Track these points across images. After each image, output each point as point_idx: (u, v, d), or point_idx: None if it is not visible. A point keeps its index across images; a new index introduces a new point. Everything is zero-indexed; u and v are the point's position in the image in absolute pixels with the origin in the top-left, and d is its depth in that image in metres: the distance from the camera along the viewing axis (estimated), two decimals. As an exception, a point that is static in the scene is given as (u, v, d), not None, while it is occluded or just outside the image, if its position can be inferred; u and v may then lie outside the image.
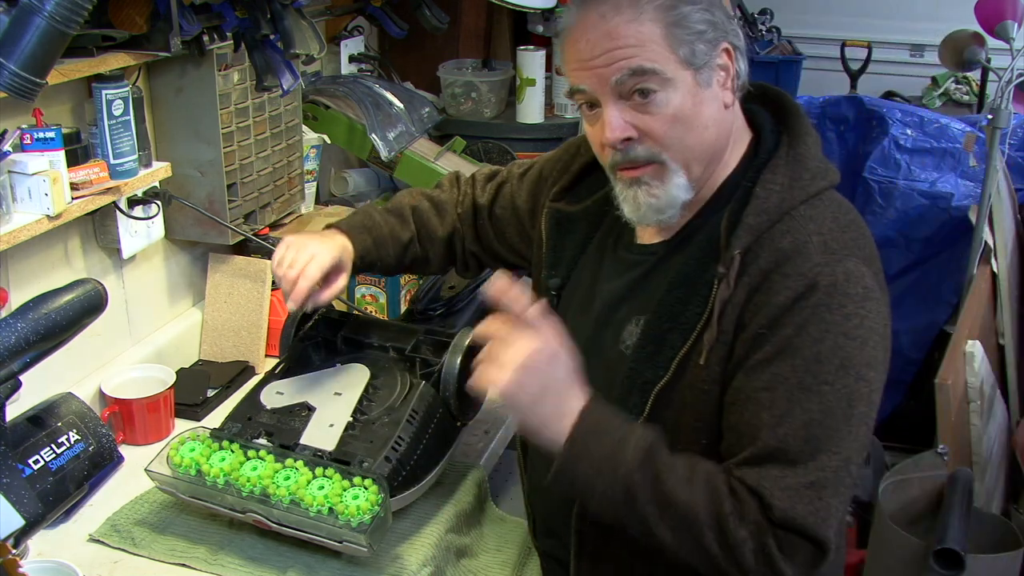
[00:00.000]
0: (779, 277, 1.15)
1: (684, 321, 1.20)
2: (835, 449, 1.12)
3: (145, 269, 1.91)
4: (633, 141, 1.20)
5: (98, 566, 1.41)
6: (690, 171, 1.21)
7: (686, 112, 1.18)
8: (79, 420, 1.38)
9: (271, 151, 2.02)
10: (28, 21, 1.19)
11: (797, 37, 4.14)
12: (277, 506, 1.37)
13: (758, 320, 1.15)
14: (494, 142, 2.58)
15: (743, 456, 1.15)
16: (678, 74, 1.16)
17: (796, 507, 1.10)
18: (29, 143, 1.48)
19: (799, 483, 1.11)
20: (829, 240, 1.17)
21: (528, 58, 2.66)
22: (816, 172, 1.22)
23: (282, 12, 1.71)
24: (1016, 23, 2.56)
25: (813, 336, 1.12)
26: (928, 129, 3.05)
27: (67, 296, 1.23)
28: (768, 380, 1.14)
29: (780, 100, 1.30)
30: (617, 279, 1.31)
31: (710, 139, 1.21)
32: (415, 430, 1.46)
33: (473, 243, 1.62)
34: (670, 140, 1.19)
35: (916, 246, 3.03)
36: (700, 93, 1.18)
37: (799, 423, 1.12)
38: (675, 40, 1.15)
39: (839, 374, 1.12)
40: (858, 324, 1.14)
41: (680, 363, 1.19)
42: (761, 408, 1.14)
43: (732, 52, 1.20)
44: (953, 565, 1.97)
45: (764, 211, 1.18)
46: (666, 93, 1.16)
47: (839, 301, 1.13)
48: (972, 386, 2.31)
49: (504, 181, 1.59)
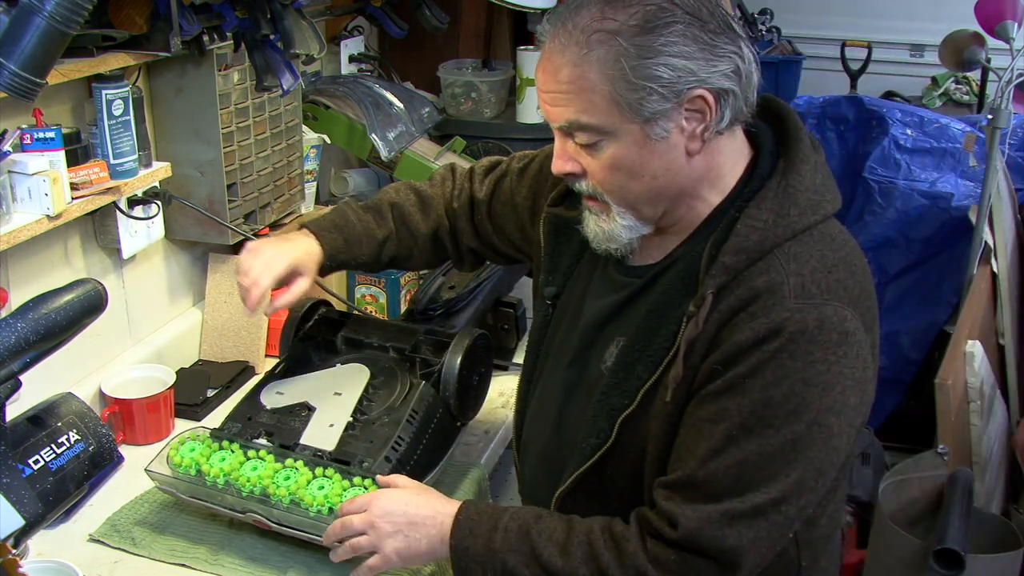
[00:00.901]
0: (746, 316, 1.10)
1: (651, 354, 1.18)
2: (765, 489, 1.09)
3: (145, 269, 1.91)
4: (576, 175, 1.18)
5: (98, 566, 1.41)
6: (638, 212, 1.18)
7: (628, 163, 1.13)
8: (79, 420, 1.38)
9: (271, 151, 2.02)
10: (28, 21, 1.19)
11: (797, 37, 4.14)
12: (277, 506, 1.37)
13: (716, 356, 1.12)
14: (494, 142, 2.58)
15: (671, 477, 1.15)
16: (621, 127, 1.10)
17: (703, 529, 1.10)
18: (29, 143, 1.48)
19: (714, 511, 1.10)
20: (808, 283, 1.11)
21: (528, 58, 2.65)
22: (807, 207, 1.15)
23: (282, 12, 1.71)
24: (1016, 23, 2.56)
25: (767, 380, 1.08)
26: (928, 129, 3.05)
27: (67, 296, 1.23)
28: (713, 413, 1.12)
29: (782, 117, 1.22)
30: (604, 298, 1.29)
31: (658, 187, 1.15)
32: (415, 430, 1.46)
33: (472, 238, 1.60)
34: (610, 184, 1.16)
35: (916, 246, 3.03)
36: (649, 144, 1.11)
37: (732, 461, 1.10)
38: (619, 93, 1.08)
39: (787, 419, 1.08)
40: (823, 371, 1.08)
41: (646, 394, 1.18)
42: (700, 438, 1.12)
43: (709, 99, 1.09)
44: (953, 565, 1.97)
45: (743, 250, 1.12)
46: (606, 142, 1.12)
47: (805, 348, 1.08)
48: (972, 386, 2.31)
49: (503, 175, 1.56)
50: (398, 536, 1.25)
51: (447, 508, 1.26)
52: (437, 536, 1.24)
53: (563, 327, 1.36)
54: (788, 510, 1.11)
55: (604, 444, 1.21)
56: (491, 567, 1.20)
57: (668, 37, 1.06)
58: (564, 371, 1.33)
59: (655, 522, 1.14)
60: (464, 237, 1.59)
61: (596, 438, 1.22)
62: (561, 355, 1.34)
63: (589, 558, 1.15)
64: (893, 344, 3.06)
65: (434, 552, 1.25)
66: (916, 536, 2.12)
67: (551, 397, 1.35)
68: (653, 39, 1.06)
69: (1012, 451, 2.56)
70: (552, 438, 1.34)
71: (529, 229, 1.51)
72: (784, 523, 1.12)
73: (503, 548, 1.19)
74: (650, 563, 1.13)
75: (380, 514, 1.26)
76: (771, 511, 1.10)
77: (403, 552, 1.25)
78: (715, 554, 1.10)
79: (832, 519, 1.28)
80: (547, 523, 1.20)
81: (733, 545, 1.10)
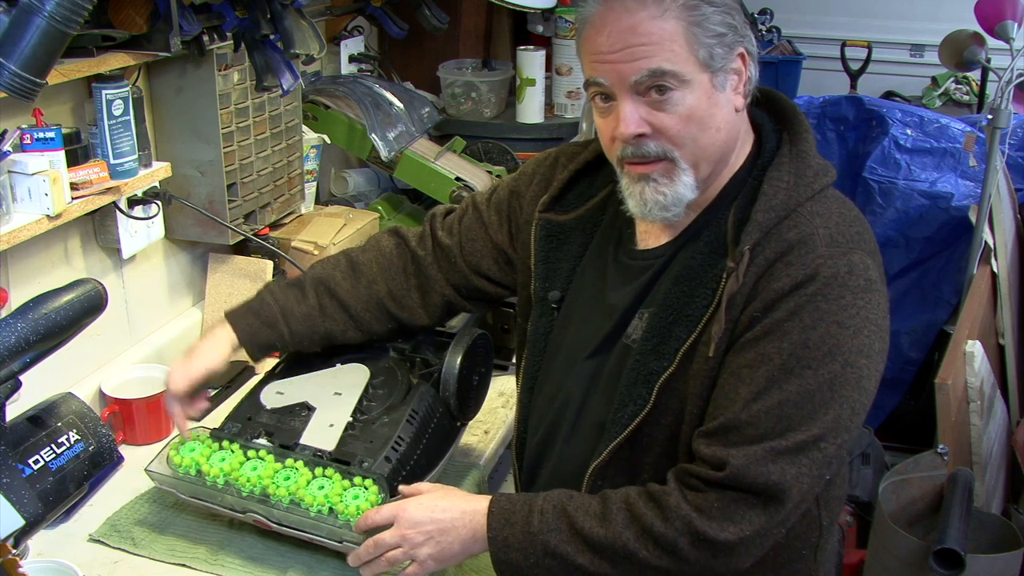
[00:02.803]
0: (782, 266, 1.18)
1: (689, 313, 1.22)
2: (806, 427, 1.15)
3: (145, 269, 1.91)
4: (646, 137, 1.20)
5: (98, 566, 1.41)
6: (698, 170, 1.23)
7: (700, 113, 1.19)
8: (79, 420, 1.37)
9: (271, 151, 2.02)
10: (28, 21, 1.19)
11: (797, 37, 4.14)
12: (277, 506, 1.37)
13: (756, 304, 1.18)
14: (494, 142, 2.58)
15: (711, 426, 1.19)
16: (696, 76, 1.17)
17: (749, 467, 1.14)
18: (29, 143, 1.48)
19: (759, 449, 1.14)
20: (835, 233, 1.20)
21: (528, 58, 2.65)
22: (819, 170, 1.25)
23: (282, 12, 1.71)
24: (1016, 23, 2.56)
25: (805, 323, 1.15)
26: (928, 129, 3.05)
27: (67, 296, 1.23)
28: (752, 358, 1.17)
29: (776, 101, 1.31)
30: (628, 284, 1.32)
31: (721, 141, 1.22)
32: (415, 430, 1.46)
33: (444, 286, 1.53)
34: (683, 139, 1.20)
35: (916, 246, 3.03)
36: (715, 95, 1.19)
37: (774, 402, 1.15)
38: (695, 41, 1.16)
39: (825, 360, 1.15)
40: (854, 314, 1.16)
41: (686, 354, 1.22)
42: (740, 383, 1.17)
43: (747, 57, 1.21)
44: (953, 565, 1.97)
45: (772, 208, 1.20)
46: (682, 93, 1.18)
47: (837, 292, 1.16)
48: (972, 386, 2.31)
49: (465, 212, 1.53)
50: (430, 543, 1.27)
51: (474, 505, 1.27)
52: (469, 535, 1.26)
53: (572, 326, 1.37)
54: (827, 448, 1.16)
55: (642, 410, 1.24)
56: (532, 551, 1.21)
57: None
58: (582, 364, 1.34)
59: (695, 471, 1.18)
60: (437, 285, 1.53)
61: (634, 405, 1.25)
62: (575, 352, 1.35)
63: (631, 521, 1.18)
64: (893, 344, 3.03)
65: (468, 551, 1.27)
66: (916, 536, 2.12)
67: (568, 393, 1.35)
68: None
69: (1012, 451, 2.56)
70: (576, 430, 1.35)
71: (509, 252, 1.50)
72: (823, 460, 1.16)
73: (542, 530, 1.21)
74: (695, 512, 1.15)
75: (409, 525, 1.27)
76: (811, 448, 1.15)
77: (437, 556, 1.28)
78: (760, 489, 1.14)
79: (842, 480, 1.35)
80: (581, 500, 1.23)
81: (777, 480, 1.14)
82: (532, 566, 1.22)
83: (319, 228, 2.16)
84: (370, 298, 1.53)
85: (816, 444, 1.15)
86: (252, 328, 1.51)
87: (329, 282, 1.53)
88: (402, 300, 1.54)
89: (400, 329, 1.57)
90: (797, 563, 1.32)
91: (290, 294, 1.53)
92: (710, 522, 1.15)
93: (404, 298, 1.54)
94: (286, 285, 1.55)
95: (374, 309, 1.54)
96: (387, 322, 1.55)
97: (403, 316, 1.55)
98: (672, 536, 1.16)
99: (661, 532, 1.16)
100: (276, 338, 1.52)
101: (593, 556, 1.19)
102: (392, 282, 1.54)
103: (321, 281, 1.54)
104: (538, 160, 1.51)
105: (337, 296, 1.53)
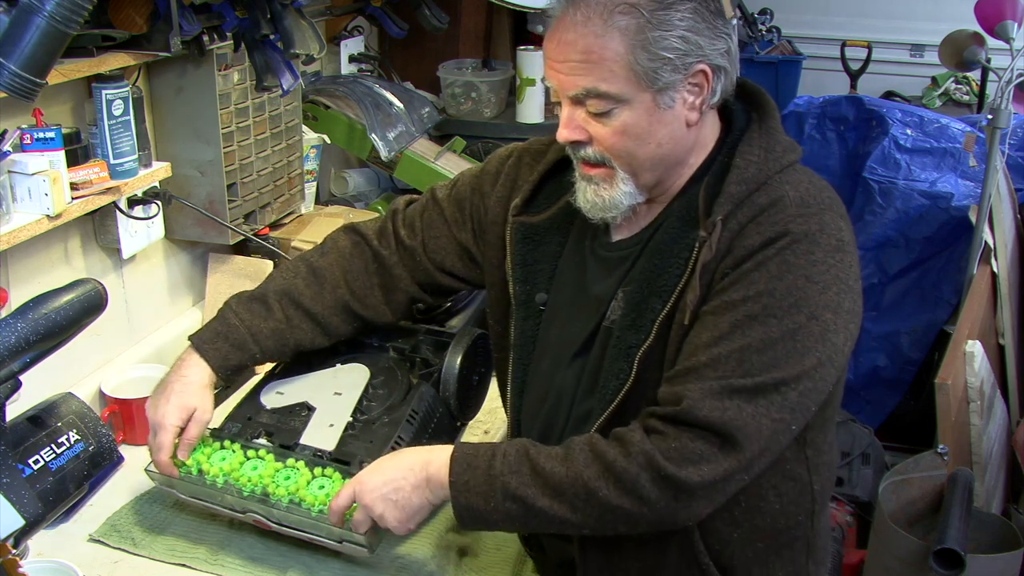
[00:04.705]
0: (753, 226, 1.19)
1: (663, 284, 1.24)
2: (767, 372, 1.14)
3: (145, 269, 1.91)
4: (584, 143, 1.23)
5: (98, 566, 1.41)
6: (639, 179, 1.25)
7: (638, 130, 1.20)
8: (79, 420, 1.37)
9: (271, 151, 2.02)
10: (28, 21, 1.19)
11: (797, 37, 4.14)
12: (277, 506, 1.37)
13: (727, 261, 1.19)
14: (494, 142, 2.58)
15: (675, 369, 1.19)
16: (635, 95, 1.18)
17: (704, 400, 1.13)
18: (29, 143, 1.48)
19: (715, 383, 1.14)
20: (806, 196, 1.21)
21: (528, 58, 2.66)
22: (788, 146, 1.26)
23: (282, 12, 1.71)
24: (1016, 23, 2.56)
25: (772, 272, 1.16)
26: (928, 129, 3.05)
27: (67, 296, 1.23)
28: (717, 305, 1.18)
29: (742, 85, 1.31)
30: (610, 276, 1.32)
31: (662, 154, 1.23)
32: (415, 430, 1.46)
33: (410, 284, 1.52)
34: (618, 151, 1.22)
35: (916, 246, 3.03)
36: (658, 113, 1.19)
37: (735, 346, 1.15)
38: (637, 63, 1.16)
39: (790, 311, 1.15)
40: (824, 271, 1.17)
41: (662, 324, 1.22)
42: (704, 329, 1.18)
43: (709, 74, 1.19)
44: (953, 565, 1.97)
45: (744, 180, 1.21)
46: (620, 109, 1.19)
47: (807, 248, 1.17)
48: (972, 386, 2.31)
49: (424, 208, 1.52)
50: (387, 504, 1.25)
51: (430, 456, 1.26)
52: (423, 481, 1.24)
53: (557, 325, 1.37)
54: (788, 393, 1.15)
55: (625, 384, 1.24)
56: (492, 495, 1.20)
57: (683, 12, 1.16)
58: (571, 361, 1.34)
59: (654, 410, 1.18)
60: (402, 284, 1.52)
61: (616, 380, 1.25)
62: (562, 350, 1.35)
63: (592, 459, 1.17)
64: (893, 344, 3.06)
65: (426, 499, 1.25)
66: (916, 536, 2.12)
67: (560, 391, 1.35)
68: (671, 13, 1.16)
69: (1012, 451, 2.56)
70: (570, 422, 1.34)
71: (474, 249, 1.49)
72: (783, 405, 1.15)
73: (503, 471, 1.20)
74: (656, 450, 1.15)
75: (366, 495, 1.26)
76: (771, 391, 1.15)
77: (400, 517, 1.26)
78: (716, 426, 1.13)
79: (831, 447, 1.36)
80: (546, 446, 1.23)
81: (733, 417, 1.13)
82: (492, 511, 1.20)
83: (319, 228, 2.16)
84: (335, 303, 1.52)
85: (776, 388, 1.14)
86: (222, 353, 1.46)
87: (292, 292, 1.50)
88: (365, 300, 1.53)
89: (364, 327, 1.57)
90: (795, 530, 1.33)
91: (255, 310, 1.49)
92: (670, 462, 1.14)
93: (367, 297, 1.53)
94: (248, 300, 1.50)
95: (340, 313, 1.52)
96: (352, 322, 1.54)
97: (367, 315, 1.54)
98: (634, 472, 1.14)
99: (623, 467, 1.15)
100: (248, 359, 1.48)
101: (553, 500, 1.18)
102: (355, 283, 1.53)
103: (284, 293, 1.50)
104: (500, 158, 1.49)
105: (303, 306, 1.50)
